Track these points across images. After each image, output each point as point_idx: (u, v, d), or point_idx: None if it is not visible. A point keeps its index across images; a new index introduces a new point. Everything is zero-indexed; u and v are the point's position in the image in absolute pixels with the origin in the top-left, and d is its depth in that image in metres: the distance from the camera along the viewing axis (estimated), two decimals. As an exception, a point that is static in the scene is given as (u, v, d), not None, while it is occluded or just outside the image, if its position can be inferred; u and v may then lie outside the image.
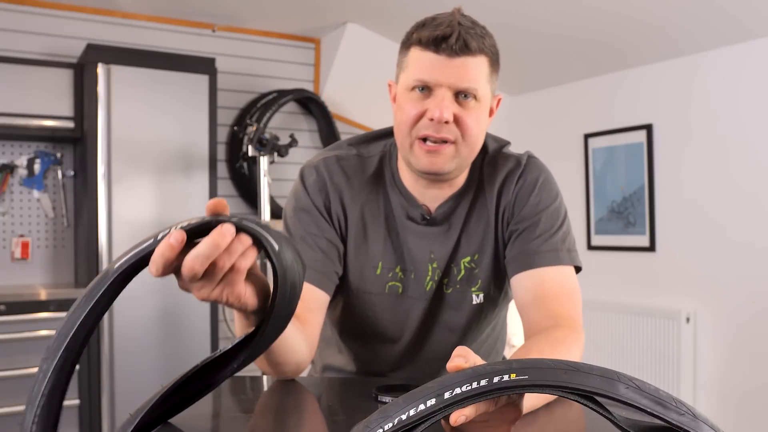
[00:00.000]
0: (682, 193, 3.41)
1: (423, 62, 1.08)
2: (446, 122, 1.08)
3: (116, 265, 0.67)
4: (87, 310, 0.66)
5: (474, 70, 1.08)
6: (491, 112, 1.18)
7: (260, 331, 0.72)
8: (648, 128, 3.55)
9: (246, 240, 0.68)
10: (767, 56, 3.08)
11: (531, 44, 3.60)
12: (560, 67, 3.85)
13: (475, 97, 1.09)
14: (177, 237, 0.64)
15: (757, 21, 2.95)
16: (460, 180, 1.21)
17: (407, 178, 1.20)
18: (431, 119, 1.08)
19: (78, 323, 0.66)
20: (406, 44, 1.13)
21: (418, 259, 1.20)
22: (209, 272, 0.68)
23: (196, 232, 0.66)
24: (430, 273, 1.21)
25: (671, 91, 3.47)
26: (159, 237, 0.66)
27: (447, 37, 1.06)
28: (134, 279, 0.69)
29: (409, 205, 1.20)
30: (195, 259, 0.65)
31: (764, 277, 3.08)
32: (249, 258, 0.69)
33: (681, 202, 3.42)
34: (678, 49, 3.35)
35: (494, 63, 1.12)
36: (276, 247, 0.67)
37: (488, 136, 1.26)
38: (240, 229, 0.66)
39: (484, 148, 1.24)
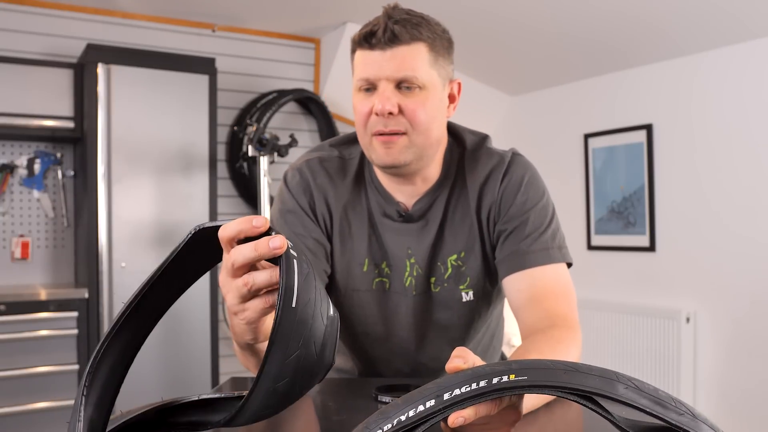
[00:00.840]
0: (682, 193, 3.41)
1: (362, 61, 1.12)
2: (390, 113, 1.09)
3: (198, 225, 0.62)
4: (164, 267, 0.61)
5: (410, 58, 1.09)
6: (452, 99, 1.18)
7: (243, 405, 0.59)
8: (648, 128, 3.55)
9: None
10: (767, 56, 3.08)
11: (531, 44, 3.60)
12: (560, 67, 3.85)
13: (418, 86, 1.10)
14: (260, 220, 0.61)
15: (757, 21, 2.95)
16: (432, 173, 1.20)
17: (383, 176, 1.21)
18: (376, 114, 1.09)
19: (150, 282, 0.62)
20: (352, 49, 1.16)
21: (396, 255, 1.21)
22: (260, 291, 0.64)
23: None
24: (408, 269, 1.21)
25: (671, 91, 3.47)
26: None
27: (375, 31, 1.08)
28: (134, 279, 0.67)
29: (386, 202, 1.21)
30: (238, 252, 0.62)
31: (764, 277, 3.08)
32: None
33: (681, 202, 3.42)
34: (678, 49, 3.35)
35: (437, 48, 1.12)
36: (293, 303, 0.57)
37: (464, 129, 1.26)
38: (282, 260, 0.59)
39: (461, 141, 1.24)
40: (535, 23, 3.34)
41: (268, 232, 0.61)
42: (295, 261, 0.59)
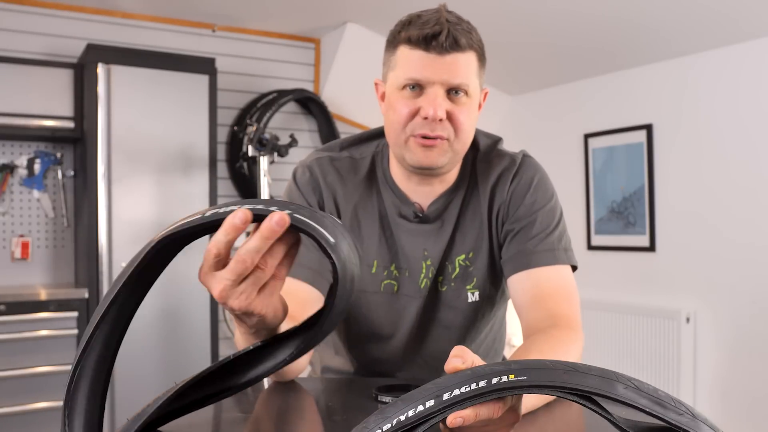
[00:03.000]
0: (682, 193, 3.41)
1: (413, 60, 1.09)
2: (440, 120, 1.08)
3: (159, 235, 0.63)
4: (123, 280, 0.63)
5: (464, 66, 1.09)
6: (479, 106, 1.19)
7: (319, 324, 0.67)
8: (648, 128, 3.55)
9: (289, 239, 0.64)
10: (767, 56, 3.08)
11: (531, 44, 3.60)
12: (560, 67, 3.85)
13: (466, 93, 1.10)
14: (241, 216, 0.60)
15: (757, 21, 2.95)
16: (452, 176, 1.21)
17: (399, 177, 1.21)
18: (425, 117, 1.08)
19: (110, 299, 0.63)
20: (393, 43, 1.13)
21: (411, 257, 1.21)
22: (252, 276, 0.63)
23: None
24: (424, 270, 1.21)
25: (671, 91, 3.47)
26: (208, 213, 0.62)
27: (437, 34, 1.06)
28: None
29: (401, 203, 1.21)
30: (247, 253, 0.61)
31: (764, 277, 3.08)
32: (288, 266, 0.66)
33: (681, 202, 3.42)
34: (678, 49, 3.35)
35: (482, 57, 1.13)
36: (332, 240, 0.61)
37: (478, 131, 1.26)
38: (291, 221, 0.61)
39: (475, 144, 1.25)
40: (535, 23, 3.34)
41: (256, 218, 0.62)
42: (297, 215, 0.61)
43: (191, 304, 3.25)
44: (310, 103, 3.99)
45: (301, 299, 1.09)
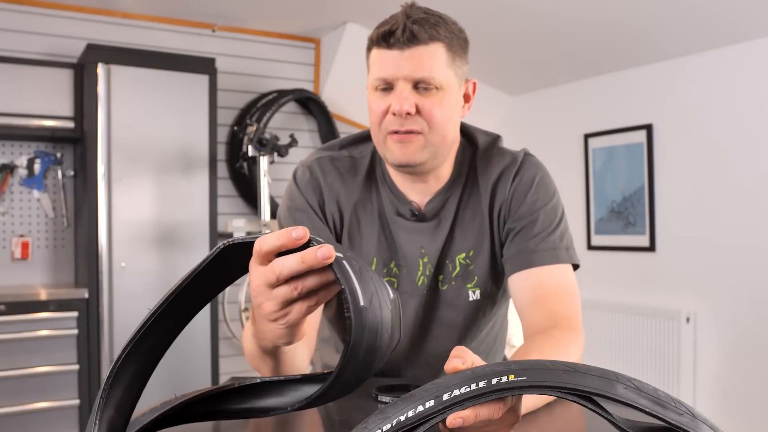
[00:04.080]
0: (682, 193, 3.41)
1: (378, 60, 1.11)
2: (408, 114, 1.08)
3: (227, 241, 0.63)
4: (187, 280, 0.62)
5: (428, 58, 1.08)
6: (467, 98, 1.18)
7: (321, 393, 0.64)
8: (648, 128, 3.55)
9: (327, 276, 0.63)
10: (767, 56, 3.08)
11: (531, 44, 3.60)
12: (560, 67, 3.85)
13: (435, 86, 1.09)
14: (300, 232, 0.60)
15: (758, 21, 2.95)
16: (445, 172, 1.20)
17: (395, 175, 1.21)
18: (394, 113, 1.09)
19: (170, 297, 0.62)
20: (369, 47, 1.14)
21: (409, 254, 1.21)
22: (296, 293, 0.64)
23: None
24: (420, 268, 1.21)
25: (671, 91, 3.47)
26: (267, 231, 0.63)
27: (394, 30, 1.07)
28: (134, 279, 0.67)
29: (398, 201, 1.21)
30: (283, 266, 0.61)
31: (764, 277, 3.08)
32: (331, 293, 0.65)
33: (681, 202, 3.42)
34: (678, 49, 3.35)
35: (454, 48, 1.12)
36: (361, 303, 0.58)
37: (477, 129, 1.26)
38: (334, 267, 0.59)
39: (474, 141, 1.24)
40: (536, 23, 3.34)
41: (308, 243, 0.61)
42: (345, 262, 0.60)
43: (191, 304, 3.24)
44: (310, 103, 3.99)
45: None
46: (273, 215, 3.55)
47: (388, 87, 1.11)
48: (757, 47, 3.10)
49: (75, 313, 3.01)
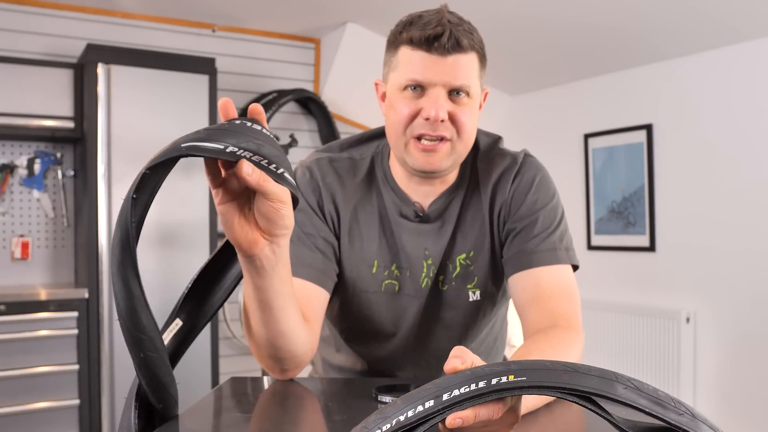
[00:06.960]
0: (682, 193, 3.41)
1: (415, 62, 1.08)
2: (442, 121, 1.08)
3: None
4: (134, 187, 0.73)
5: (465, 67, 1.09)
6: (480, 106, 1.19)
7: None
8: (648, 128, 3.55)
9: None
10: (767, 57, 3.08)
11: (531, 44, 3.61)
12: (560, 67, 3.86)
13: (467, 94, 1.10)
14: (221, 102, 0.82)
15: (756, 22, 2.95)
16: (452, 176, 1.21)
17: (399, 177, 1.21)
18: (426, 118, 1.08)
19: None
20: (395, 43, 1.12)
21: (413, 256, 1.21)
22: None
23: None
24: (425, 270, 1.21)
25: (671, 91, 3.47)
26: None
27: (439, 36, 1.06)
28: None
29: (402, 202, 1.21)
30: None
31: (764, 277, 3.08)
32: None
33: (681, 202, 3.42)
34: (678, 48, 3.35)
35: (483, 58, 1.13)
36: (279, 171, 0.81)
37: (478, 131, 1.27)
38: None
39: (476, 143, 1.25)
40: (536, 23, 3.35)
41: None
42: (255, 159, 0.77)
43: (191, 304, 3.24)
44: (310, 103, 3.99)
45: (307, 299, 1.11)
46: (273, 215, 3.54)
47: (419, 89, 1.10)
48: (758, 47, 3.10)
49: (75, 313, 3.01)
